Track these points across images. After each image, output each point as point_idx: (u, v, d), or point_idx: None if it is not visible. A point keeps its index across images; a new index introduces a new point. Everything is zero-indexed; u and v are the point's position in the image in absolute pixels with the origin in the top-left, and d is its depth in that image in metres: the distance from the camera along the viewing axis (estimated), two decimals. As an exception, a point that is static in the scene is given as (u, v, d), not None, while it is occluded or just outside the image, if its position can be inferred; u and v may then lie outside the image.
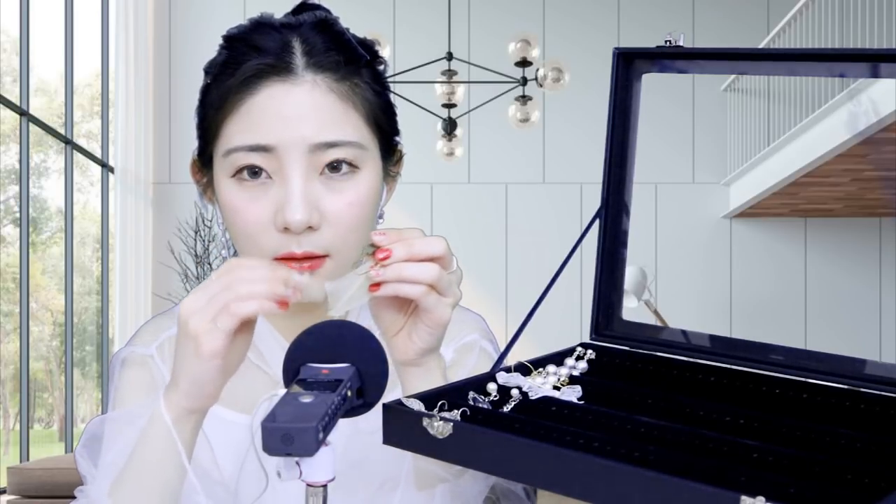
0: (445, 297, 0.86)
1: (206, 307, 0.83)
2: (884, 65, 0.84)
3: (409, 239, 0.85)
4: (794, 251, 9.42)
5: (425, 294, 0.85)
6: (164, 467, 0.88)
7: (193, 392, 0.86)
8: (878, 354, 8.93)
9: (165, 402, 0.87)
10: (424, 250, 0.85)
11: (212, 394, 0.86)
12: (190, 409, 0.87)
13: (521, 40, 6.30)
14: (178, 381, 0.86)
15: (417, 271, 0.84)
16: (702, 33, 9.06)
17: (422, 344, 0.88)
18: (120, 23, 8.48)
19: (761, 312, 9.20)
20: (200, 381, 0.85)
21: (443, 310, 0.86)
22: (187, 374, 0.85)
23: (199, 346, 0.82)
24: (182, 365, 0.85)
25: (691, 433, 0.81)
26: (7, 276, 8.91)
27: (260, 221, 0.94)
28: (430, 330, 0.87)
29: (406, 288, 0.84)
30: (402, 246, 0.84)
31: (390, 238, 0.85)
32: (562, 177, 9.22)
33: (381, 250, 0.84)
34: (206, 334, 0.82)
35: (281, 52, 0.94)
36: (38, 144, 9.88)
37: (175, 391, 0.87)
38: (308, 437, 0.66)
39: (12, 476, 5.51)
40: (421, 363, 0.90)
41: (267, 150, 0.92)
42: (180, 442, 0.87)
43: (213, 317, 0.82)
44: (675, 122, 9.21)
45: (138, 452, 0.89)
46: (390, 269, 0.84)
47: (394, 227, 0.89)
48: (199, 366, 0.83)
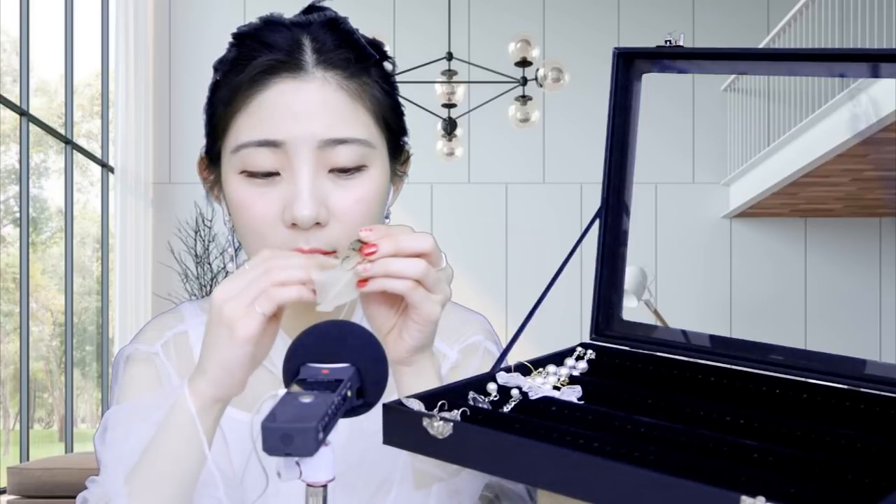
0: (433, 294, 0.86)
1: (243, 293, 0.83)
2: (884, 65, 0.84)
3: (396, 235, 0.85)
4: (794, 251, 9.42)
5: (412, 289, 0.85)
6: (184, 457, 0.88)
7: (222, 379, 0.86)
8: (878, 354, 8.93)
9: (190, 391, 0.88)
10: (411, 246, 0.85)
11: (240, 381, 0.87)
12: (216, 397, 0.87)
13: (521, 40, 6.30)
14: (207, 368, 0.86)
15: (404, 266, 0.84)
16: (702, 33, 9.06)
17: (412, 342, 0.88)
18: (120, 23, 8.48)
19: (761, 312, 9.20)
20: (231, 366, 0.85)
21: (431, 306, 0.86)
22: (217, 360, 0.85)
23: (235, 331, 0.83)
24: (212, 352, 0.85)
25: (691, 433, 0.81)
26: (7, 276, 8.91)
27: (268, 217, 0.94)
28: (419, 327, 0.87)
29: (392, 283, 0.85)
30: (388, 241, 0.85)
31: (377, 234, 0.85)
32: (562, 177, 9.22)
33: (368, 245, 0.85)
34: (241, 319, 0.83)
35: (291, 49, 0.94)
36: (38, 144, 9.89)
37: (202, 379, 0.87)
38: (308, 437, 0.66)
39: (12, 476, 5.51)
40: (412, 362, 0.90)
41: (276, 145, 0.93)
42: (203, 431, 0.87)
43: (251, 301, 0.83)
44: (675, 122, 9.20)
45: (157, 442, 0.89)
46: (377, 264, 0.84)
47: (381, 224, 0.89)
48: (231, 351, 0.84)
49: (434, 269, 0.86)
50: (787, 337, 8.64)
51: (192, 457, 0.88)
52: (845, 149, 6.95)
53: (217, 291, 0.85)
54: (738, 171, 8.91)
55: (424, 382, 0.90)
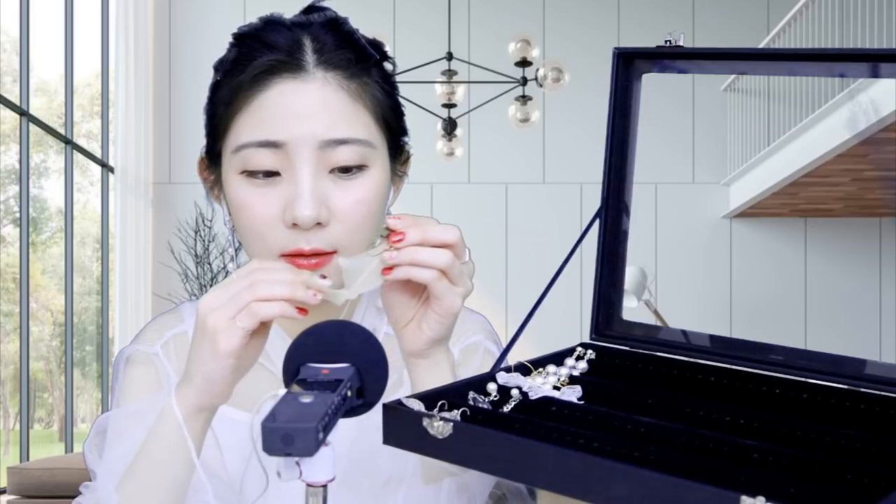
0: (456, 286, 0.87)
1: (227, 305, 0.83)
2: (884, 65, 0.84)
3: (424, 224, 0.86)
4: (794, 251, 9.42)
5: (437, 279, 0.85)
6: (173, 464, 0.89)
7: (206, 389, 0.86)
8: (878, 354, 8.93)
9: (177, 398, 0.88)
10: (438, 236, 0.86)
11: (223, 392, 0.87)
12: (201, 406, 0.87)
13: (521, 40, 6.30)
14: (192, 377, 0.86)
15: (430, 256, 0.85)
16: (702, 33, 9.06)
17: (431, 333, 0.89)
18: (120, 23, 8.48)
19: (761, 312, 9.20)
20: (213, 378, 0.85)
21: (453, 298, 0.87)
22: (201, 371, 0.85)
23: (217, 344, 0.83)
24: (196, 361, 0.85)
25: (691, 433, 0.81)
26: (7, 276, 8.91)
27: (268, 217, 0.94)
28: (439, 318, 0.88)
29: (418, 272, 0.85)
30: (416, 230, 0.85)
31: (405, 222, 0.86)
32: (562, 177, 9.22)
33: (396, 233, 0.85)
34: (224, 332, 0.83)
35: (292, 49, 0.94)
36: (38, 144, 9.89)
37: (188, 387, 0.87)
38: (308, 437, 0.66)
39: (12, 476, 5.51)
40: (429, 354, 0.90)
41: (277, 146, 0.93)
42: (190, 438, 0.88)
43: (234, 315, 0.83)
44: (675, 122, 9.21)
45: (147, 448, 0.89)
46: (403, 252, 0.85)
47: (409, 213, 0.89)
48: (213, 363, 0.84)
49: (458, 262, 0.87)
50: (787, 337, 8.64)
51: (181, 463, 0.89)
52: (845, 149, 6.95)
53: (203, 300, 0.85)
54: (738, 171, 8.91)
55: (439, 376, 0.90)
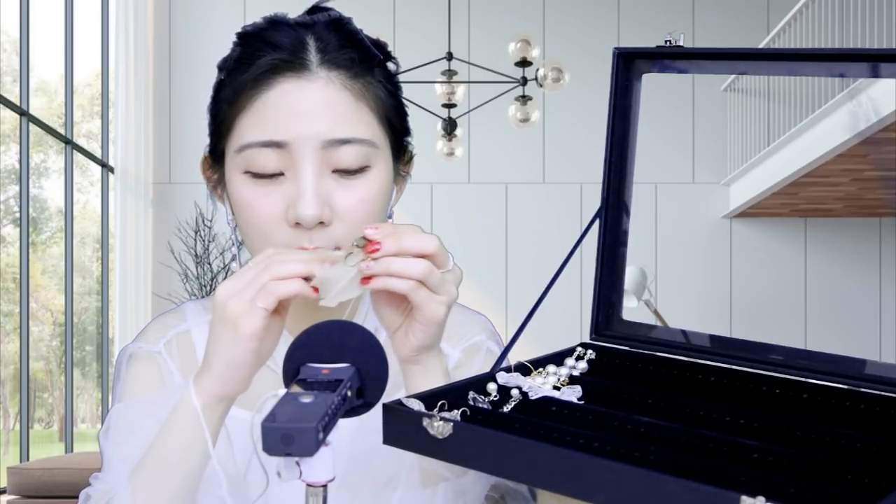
0: (438, 295, 0.86)
1: (245, 289, 0.84)
2: (884, 65, 0.84)
3: (401, 234, 0.85)
4: (794, 251, 9.42)
5: (414, 290, 0.84)
6: (189, 454, 0.88)
7: (227, 376, 0.86)
8: (878, 354, 8.93)
9: (196, 388, 0.88)
10: (414, 246, 0.85)
11: (245, 379, 0.87)
12: (221, 395, 0.87)
13: (521, 40, 6.30)
14: (212, 365, 0.86)
15: (406, 266, 0.84)
16: (702, 33, 9.06)
17: (416, 342, 0.88)
18: (120, 23, 8.48)
19: (761, 312, 9.20)
20: (236, 364, 0.85)
21: (435, 307, 0.86)
22: (222, 358, 0.85)
23: (238, 328, 0.83)
24: (217, 349, 0.85)
25: (691, 433, 0.81)
26: (7, 276, 8.91)
27: (272, 217, 0.94)
28: (423, 327, 0.87)
29: (395, 282, 0.84)
30: (392, 240, 0.84)
31: (382, 232, 0.85)
32: (562, 177, 9.22)
33: (371, 243, 0.84)
34: (244, 315, 0.83)
35: (295, 49, 0.94)
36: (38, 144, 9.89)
37: (208, 376, 0.87)
38: (308, 437, 0.66)
39: (12, 476, 5.51)
40: (419, 361, 0.90)
41: (280, 145, 0.93)
42: (208, 429, 0.87)
43: (252, 297, 0.83)
44: (675, 122, 9.20)
45: (162, 439, 0.89)
46: (379, 262, 0.84)
47: (390, 223, 0.89)
48: (235, 348, 0.84)
49: (438, 271, 0.85)
50: (787, 337, 8.64)
51: (196, 454, 0.88)
52: (845, 149, 6.95)
53: (220, 289, 0.85)
54: (738, 171, 8.91)
55: (432, 381, 0.90)
